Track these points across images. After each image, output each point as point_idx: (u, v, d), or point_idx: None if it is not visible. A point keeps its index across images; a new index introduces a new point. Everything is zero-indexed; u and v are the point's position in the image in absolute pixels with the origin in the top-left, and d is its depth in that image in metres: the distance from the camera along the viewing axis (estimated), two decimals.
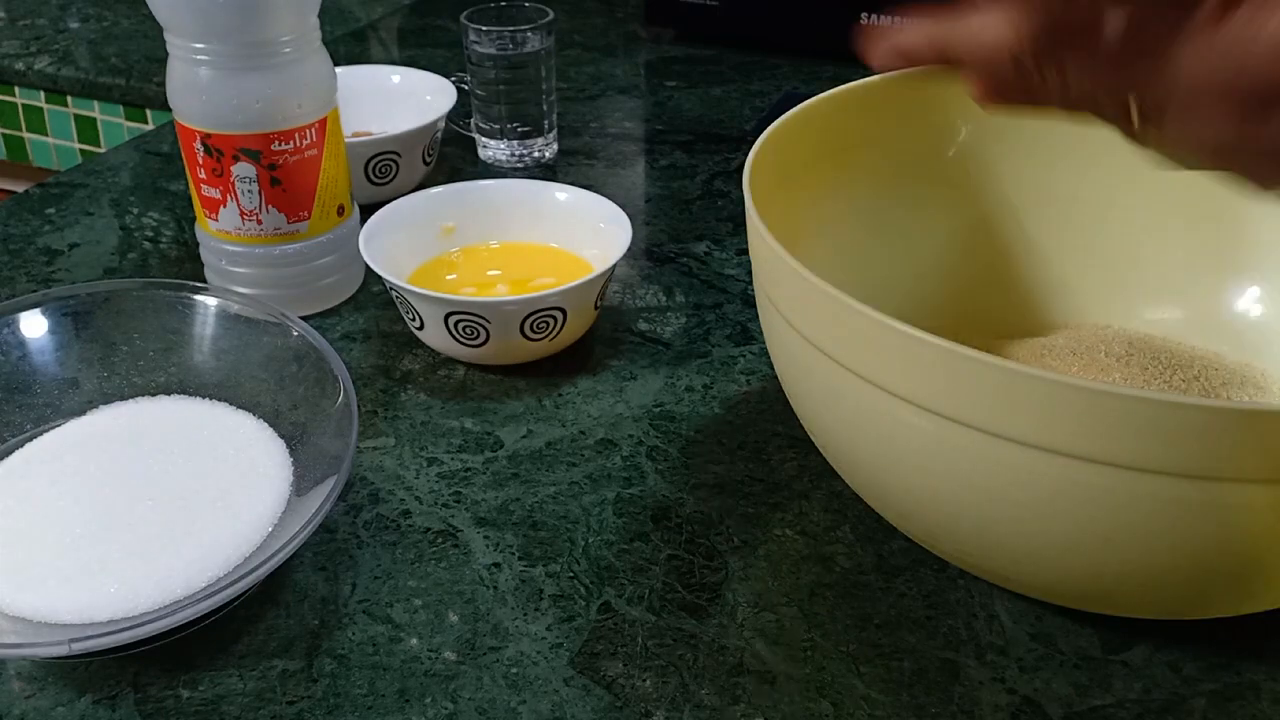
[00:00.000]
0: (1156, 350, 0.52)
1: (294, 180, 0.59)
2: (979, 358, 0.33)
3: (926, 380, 0.35)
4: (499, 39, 0.75)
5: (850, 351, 0.37)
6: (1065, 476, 0.34)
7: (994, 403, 0.34)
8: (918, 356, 0.35)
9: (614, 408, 0.56)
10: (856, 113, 0.52)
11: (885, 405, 0.37)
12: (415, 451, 0.53)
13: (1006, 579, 0.42)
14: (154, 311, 0.53)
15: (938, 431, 0.36)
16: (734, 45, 1.01)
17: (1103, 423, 0.33)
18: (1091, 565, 0.37)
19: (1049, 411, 0.33)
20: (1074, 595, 0.41)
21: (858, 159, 0.53)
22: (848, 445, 0.42)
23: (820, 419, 0.43)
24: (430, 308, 0.56)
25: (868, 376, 0.37)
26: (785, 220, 0.47)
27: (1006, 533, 0.38)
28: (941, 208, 0.55)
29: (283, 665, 0.43)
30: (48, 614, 0.41)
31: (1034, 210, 0.56)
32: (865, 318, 0.36)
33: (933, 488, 0.38)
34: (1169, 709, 0.41)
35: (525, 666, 0.43)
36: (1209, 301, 0.54)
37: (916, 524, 0.42)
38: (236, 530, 0.45)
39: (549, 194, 0.65)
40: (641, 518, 0.49)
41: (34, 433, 0.50)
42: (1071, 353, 0.49)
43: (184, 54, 0.56)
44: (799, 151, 0.50)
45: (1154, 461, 0.33)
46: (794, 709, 0.41)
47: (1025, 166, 0.55)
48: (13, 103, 1.04)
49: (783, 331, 0.42)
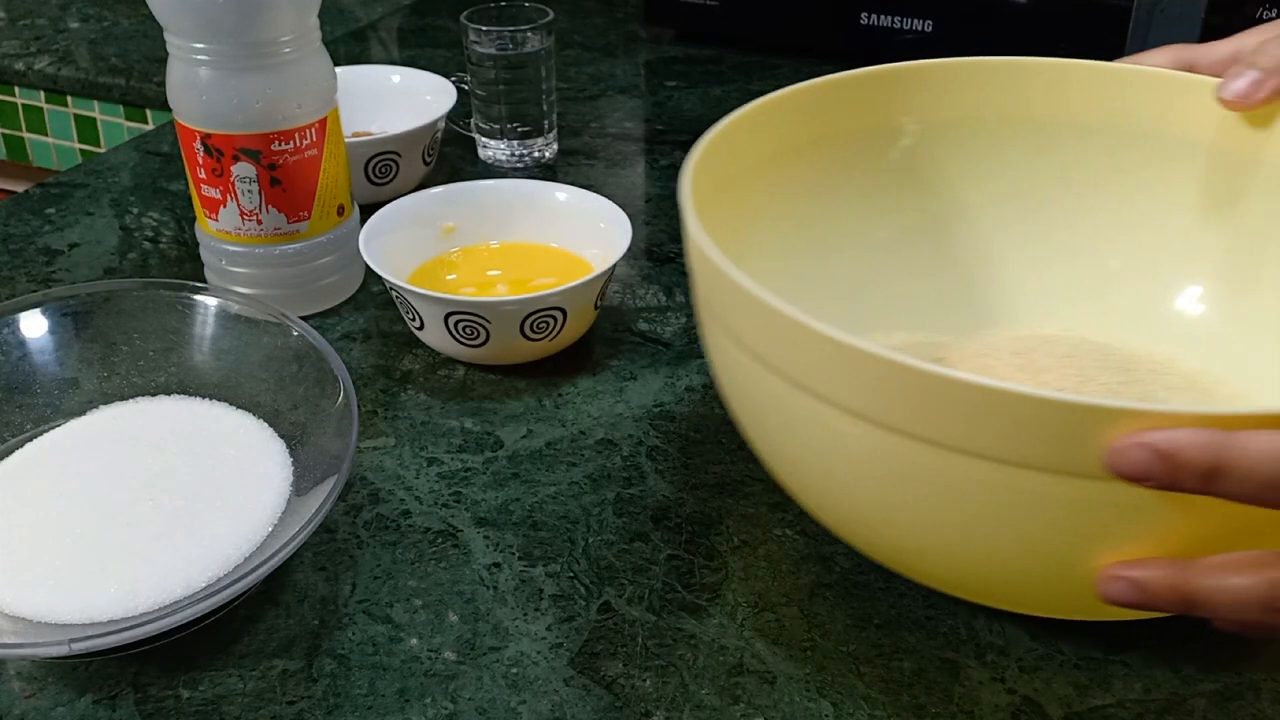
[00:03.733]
0: (1100, 352, 0.51)
1: (294, 180, 0.59)
2: (866, 350, 0.34)
3: (818, 370, 0.36)
4: (499, 39, 0.75)
5: (768, 348, 0.38)
6: (951, 471, 0.35)
7: (879, 395, 0.34)
8: (807, 346, 0.36)
9: (614, 408, 0.56)
10: (799, 115, 0.52)
11: (789, 396, 0.37)
12: (415, 451, 0.53)
13: (948, 583, 0.43)
14: (154, 311, 0.53)
15: (826, 419, 0.36)
16: (734, 45, 1.01)
17: (979, 417, 0.33)
18: (974, 560, 0.38)
19: (929, 406, 0.34)
20: (980, 593, 0.42)
21: (801, 161, 0.53)
22: (770, 441, 0.42)
23: (743, 412, 0.44)
24: (430, 308, 0.56)
25: (769, 361, 0.38)
26: (727, 223, 0.47)
27: (908, 523, 0.38)
28: (889, 207, 0.55)
29: (283, 665, 0.43)
30: (48, 614, 0.41)
31: (984, 210, 0.56)
32: (756, 302, 0.36)
33: (844, 485, 0.39)
34: (1169, 709, 0.41)
35: (525, 666, 0.43)
36: (1166, 305, 0.54)
37: (830, 517, 0.43)
38: (236, 530, 0.45)
39: (549, 194, 0.65)
40: (641, 518, 0.49)
41: (34, 433, 0.50)
42: (1013, 353, 0.50)
43: (184, 54, 0.56)
44: (742, 155, 0.50)
45: (1027, 456, 0.33)
46: (794, 709, 0.41)
47: (975, 167, 0.55)
48: (13, 103, 1.04)
49: (719, 338, 0.42)
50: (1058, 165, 0.55)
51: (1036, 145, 0.54)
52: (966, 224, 0.56)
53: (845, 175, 0.54)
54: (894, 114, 0.54)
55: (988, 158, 0.55)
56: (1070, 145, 0.54)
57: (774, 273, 0.52)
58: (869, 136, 0.54)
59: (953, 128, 0.54)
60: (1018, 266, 0.56)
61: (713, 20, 0.99)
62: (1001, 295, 0.56)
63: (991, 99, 0.54)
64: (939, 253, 0.56)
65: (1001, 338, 0.54)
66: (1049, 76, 0.53)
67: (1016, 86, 0.53)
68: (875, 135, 0.54)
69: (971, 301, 0.56)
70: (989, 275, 0.56)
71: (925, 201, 0.56)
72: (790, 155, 0.52)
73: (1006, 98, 0.54)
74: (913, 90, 0.54)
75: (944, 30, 0.90)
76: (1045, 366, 0.48)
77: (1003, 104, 0.54)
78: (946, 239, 0.56)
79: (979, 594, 0.42)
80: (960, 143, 0.55)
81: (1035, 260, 0.56)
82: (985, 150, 0.55)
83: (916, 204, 0.56)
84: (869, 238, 0.55)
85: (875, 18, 0.92)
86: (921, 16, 0.91)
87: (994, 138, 0.55)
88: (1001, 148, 0.55)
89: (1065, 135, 0.54)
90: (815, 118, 0.52)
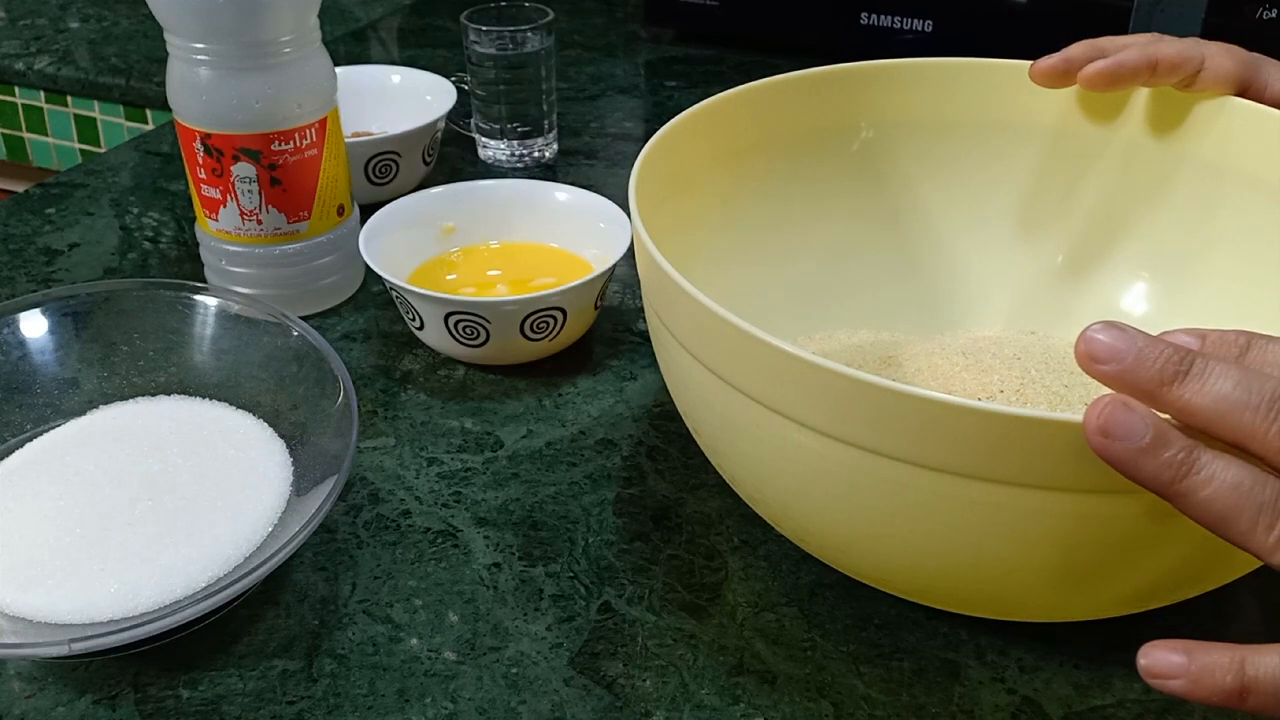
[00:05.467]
0: (1051, 354, 0.52)
1: (294, 180, 0.59)
2: (799, 358, 0.34)
3: (759, 377, 0.36)
4: (499, 39, 0.75)
5: (722, 362, 0.38)
6: (897, 480, 0.35)
7: (830, 407, 0.35)
8: (751, 355, 0.36)
9: (614, 408, 0.56)
10: (751, 114, 0.52)
11: (748, 410, 0.38)
12: (415, 451, 0.53)
13: (911, 591, 0.43)
14: (154, 311, 0.53)
15: (774, 426, 0.37)
16: (734, 45, 1.01)
17: (887, 420, 0.34)
18: (942, 567, 0.38)
19: (843, 409, 0.34)
20: (942, 596, 0.42)
21: (754, 161, 0.53)
22: (736, 456, 0.42)
23: (696, 418, 0.44)
24: (430, 308, 0.56)
25: (723, 376, 0.38)
26: (678, 227, 0.48)
27: (861, 533, 0.39)
28: (844, 207, 0.56)
29: (283, 665, 0.43)
30: (48, 614, 0.41)
31: (941, 211, 0.56)
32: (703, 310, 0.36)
33: (787, 488, 0.39)
34: (1169, 709, 0.41)
35: (525, 666, 0.43)
36: (1116, 305, 0.54)
37: (786, 525, 0.43)
38: (236, 530, 0.45)
39: (549, 194, 0.65)
40: (641, 518, 0.49)
41: (34, 433, 0.50)
42: (962, 353, 0.50)
43: (184, 54, 0.56)
44: (692, 156, 0.50)
45: (965, 466, 0.34)
46: (794, 709, 0.41)
47: (930, 168, 0.56)
48: (13, 103, 1.04)
49: (669, 346, 0.42)
50: (1013, 166, 0.55)
51: (992, 146, 0.55)
52: (927, 225, 0.57)
53: (803, 176, 0.55)
54: (851, 114, 0.54)
55: (941, 159, 0.55)
56: (1035, 142, 0.54)
57: (737, 274, 0.52)
58: (824, 136, 0.54)
59: (911, 129, 0.55)
60: (978, 268, 0.56)
61: (713, 20, 0.99)
62: (963, 295, 0.57)
63: (949, 100, 0.55)
64: (902, 254, 0.57)
65: (955, 338, 0.55)
66: (999, 77, 0.54)
67: (973, 87, 0.54)
68: (832, 135, 0.55)
69: (935, 301, 0.57)
70: (952, 275, 0.57)
71: (885, 203, 0.56)
72: (739, 157, 0.53)
73: (962, 98, 0.54)
74: (866, 91, 0.54)
75: (944, 30, 0.90)
76: (990, 367, 0.48)
77: (951, 105, 0.54)
78: (909, 240, 0.57)
79: (943, 601, 0.43)
80: (919, 143, 0.55)
81: (992, 261, 0.56)
82: (939, 151, 0.55)
83: (873, 203, 0.56)
84: (831, 239, 0.56)
85: (875, 18, 0.92)
86: (921, 16, 0.91)
87: (947, 139, 0.55)
88: (956, 149, 0.55)
89: (1010, 137, 0.55)
90: (765, 118, 0.53)
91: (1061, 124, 0.53)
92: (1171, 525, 0.34)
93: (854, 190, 0.56)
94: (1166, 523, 0.34)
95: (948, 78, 0.54)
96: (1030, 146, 0.54)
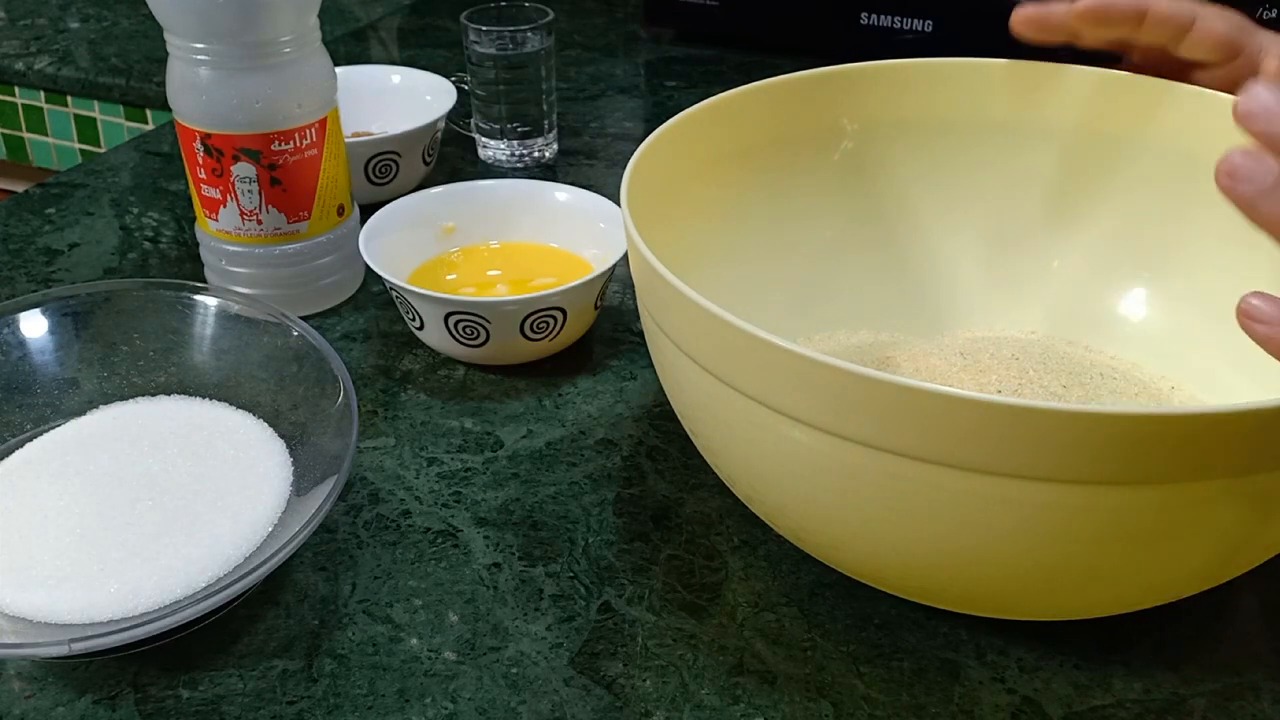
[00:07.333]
0: (1049, 355, 0.51)
1: (294, 180, 0.59)
2: (804, 356, 0.34)
3: (761, 378, 0.36)
4: (499, 39, 0.75)
5: (713, 357, 0.38)
6: (900, 475, 0.35)
7: (833, 404, 0.35)
8: (749, 353, 0.36)
9: (614, 408, 0.56)
10: (746, 117, 0.52)
11: (743, 407, 0.38)
12: (415, 451, 0.53)
13: (910, 590, 0.43)
14: (154, 311, 0.53)
15: (776, 426, 0.37)
16: (734, 45, 1.01)
17: (893, 417, 0.34)
18: (942, 562, 0.38)
19: (847, 405, 0.34)
20: (935, 594, 0.42)
21: (744, 165, 0.53)
22: (730, 453, 0.42)
23: (693, 420, 0.44)
24: (430, 308, 0.56)
25: (722, 376, 0.38)
26: (671, 229, 0.48)
27: (857, 530, 0.39)
28: (835, 209, 0.56)
29: (283, 665, 0.43)
30: (48, 614, 0.41)
31: (933, 212, 0.56)
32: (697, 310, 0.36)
33: (792, 492, 0.39)
34: (1169, 709, 0.41)
35: (525, 666, 0.43)
36: (1114, 308, 0.54)
37: (783, 524, 0.43)
38: (236, 530, 0.45)
39: (549, 194, 0.65)
40: (641, 518, 0.49)
41: (34, 433, 0.50)
42: (960, 353, 0.50)
43: (184, 54, 0.56)
44: (686, 158, 0.50)
45: (969, 459, 0.34)
46: (794, 709, 0.41)
47: (927, 167, 0.56)
48: (13, 103, 1.04)
49: (663, 346, 0.42)
50: (1012, 166, 0.55)
51: (990, 146, 0.55)
52: (921, 226, 0.57)
53: (798, 178, 0.55)
54: (838, 117, 0.55)
55: (936, 158, 0.55)
56: (1024, 144, 0.54)
57: (734, 275, 0.52)
58: (814, 139, 0.54)
59: (901, 131, 0.55)
60: (975, 268, 0.56)
61: (713, 20, 0.99)
62: (960, 295, 0.57)
63: (944, 100, 0.55)
64: (898, 254, 0.57)
65: (953, 338, 0.55)
66: (994, 77, 0.54)
67: (969, 87, 0.54)
68: (821, 137, 0.55)
69: (933, 302, 0.57)
70: (950, 276, 0.57)
71: (879, 203, 0.56)
72: (730, 161, 0.53)
73: (958, 98, 0.54)
74: (857, 92, 0.54)
75: (944, 30, 0.90)
76: (988, 367, 0.49)
77: (946, 105, 0.55)
78: (903, 241, 0.57)
79: (943, 600, 0.43)
80: (909, 144, 0.55)
81: (990, 261, 0.56)
82: (934, 151, 0.55)
83: (864, 204, 0.56)
84: (827, 240, 0.56)
85: (875, 18, 0.92)
86: (921, 16, 0.91)
87: (941, 139, 0.55)
88: (951, 148, 0.55)
89: (1007, 137, 0.54)
90: (755, 122, 0.53)
91: (1061, 124, 0.53)
92: (1175, 519, 0.34)
93: (849, 191, 0.56)
94: (1171, 516, 0.34)
95: (944, 78, 0.54)
96: (1027, 147, 0.54)
